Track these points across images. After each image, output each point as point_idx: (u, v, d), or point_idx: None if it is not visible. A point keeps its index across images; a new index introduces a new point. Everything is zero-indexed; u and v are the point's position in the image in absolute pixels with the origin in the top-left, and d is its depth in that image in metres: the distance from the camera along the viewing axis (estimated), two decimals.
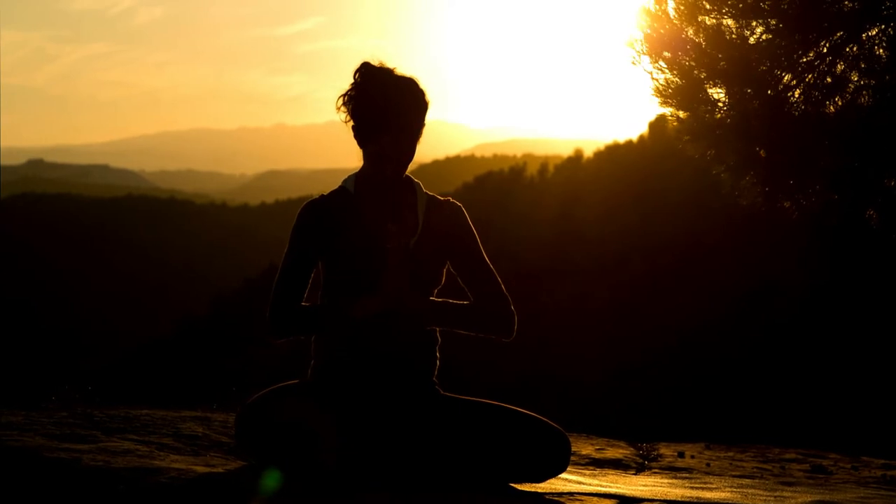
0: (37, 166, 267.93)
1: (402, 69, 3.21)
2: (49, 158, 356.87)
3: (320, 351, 3.22)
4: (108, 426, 3.49)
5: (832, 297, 39.30)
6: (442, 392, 3.22)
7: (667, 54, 4.21)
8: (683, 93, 4.22)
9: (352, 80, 3.20)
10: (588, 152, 73.86)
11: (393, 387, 3.15)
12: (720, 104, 4.19)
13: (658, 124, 61.60)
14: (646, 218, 54.91)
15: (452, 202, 3.31)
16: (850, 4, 4.01)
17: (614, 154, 68.30)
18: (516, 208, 63.19)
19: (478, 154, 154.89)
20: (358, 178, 3.26)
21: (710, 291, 47.02)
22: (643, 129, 68.28)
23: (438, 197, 3.32)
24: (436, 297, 3.22)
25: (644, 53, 4.26)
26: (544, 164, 74.41)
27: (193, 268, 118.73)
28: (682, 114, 4.26)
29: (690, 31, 4.14)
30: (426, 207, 3.25)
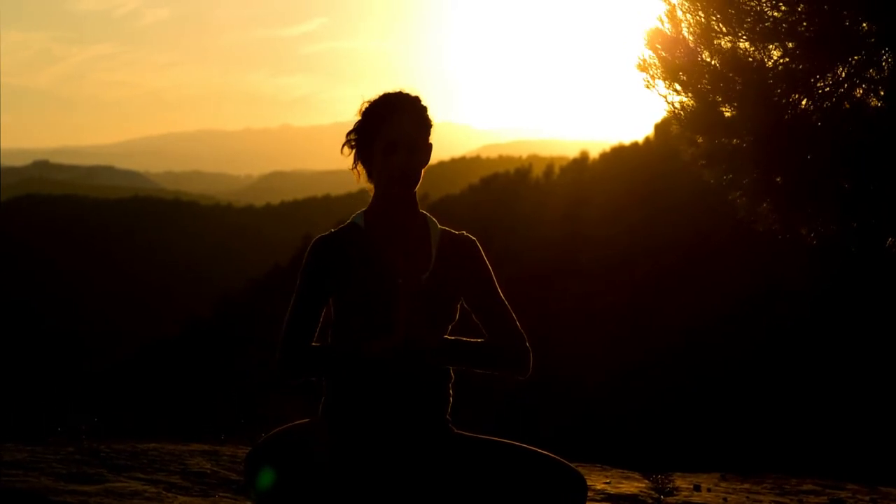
0: (42, 167, 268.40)
1: (408, 89, 3.20)
2: (54, 160, 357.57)
3: (331, 388, 3.16)
4: (115, 462, 3.43)
5: (840, 298, 39.22)
6: (455, 430, 3.16)
7: (682, 78, 4.14)
8: (699, 117, 4.16)
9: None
10: (594, 154, 73.91)
11: (405, 426, 3.09)
12: (737, 129, 4.13)
13: (663, 126, 61.56)
14: (651, 219, 54.85)
15: (467, 236, 3.24)
16: (869, 27, 3.93)
17: (620, 156, 68.29)
18: (522, 210, 63.18)
19: (483, 155, 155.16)
20: (368, 213, 3.22)
21: (716, 292, 46.93)
22: (649, 130, 68.27)
23: (453, 231, 3.25)
24: (449, 335, 3.15)
25: (658, 77, 4.20)
26: (550, 165, 74.45)
27: (198, 269, 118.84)
28: (698, 138, 4.20)
29: (706, 55, 4.07)
30: (439, 241, 3.19)
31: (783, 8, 3.81)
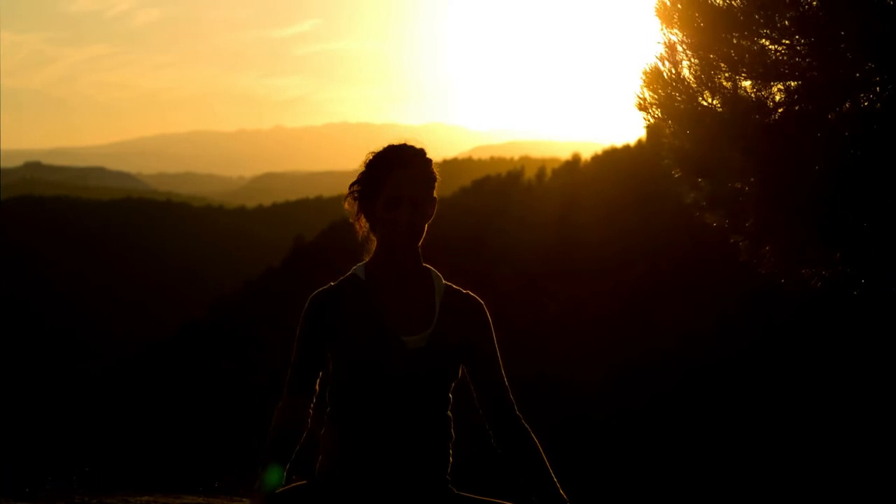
0: (35, 169, 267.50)
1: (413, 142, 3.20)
2: (47, 161, 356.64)
3: (329, 446, 3.13)
4: None
5: (839, 299, 39.22)
6: (455, 491, 3.14)
7: (683, 121, 4.10)
8: (700, 160, 4.11)
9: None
10: (586, 155, 73.82)
11: (405, 486, 3.05)
12: (738, 171, 4.07)
13: (655, 128, 61.43)
14: (644, 222, 54.84)
15: (472, 297, 3.19)
16: (872, 66, 3.86)
17: (612, 158, 68.27)
18: (514, 212, 63.11)
19: (475, 156, 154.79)
20: (369, 266, 3.16)
21: (710, 295, 46.94)
22: (641, 132, 68.23)
23: (459, 289, 3.20)
24: (451, 392, 3.13)
25: (658, 118, 4.16)
26: (542, 168, 74.37)
27: (191, 270, 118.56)
28: (700, 181, 4.16)
29: (707, 95, 4.02)
30: (443, 297, 3.15)
31: (785, 41, 3.75)
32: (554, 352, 47.73)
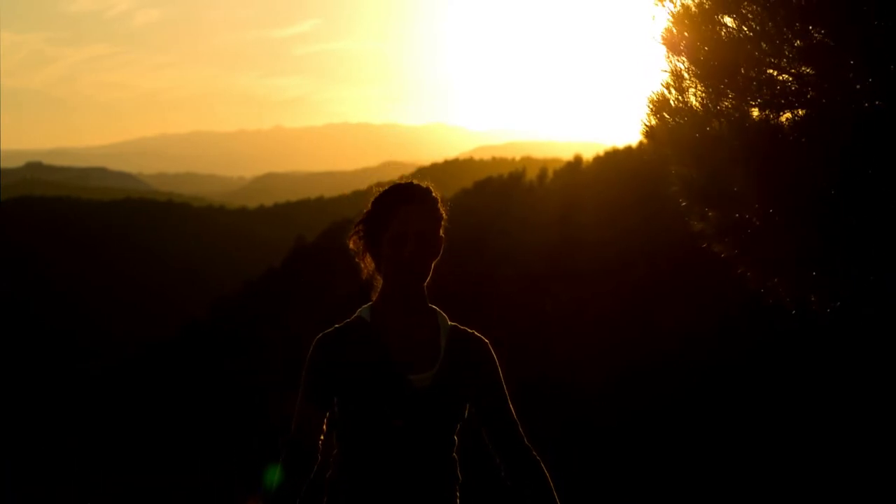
0: (35, 169, 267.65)
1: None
2: (48, 161, 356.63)
3: (336, 489, 3.11)
4: None
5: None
6: None
7: (691, 150, 4.04)
8: (709, 189, 4.05)
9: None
10: (587, 156, 73.92)
11: None
12: (747, 201, 4.01)
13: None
14: (646, 223, 54.83)
15: (478, 336, 3.18)
16: (881, 104, 3.81)
17: (613, 159, 68.32)
18: (515, 213, 63.17)
19: (476, 157, 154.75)
20: (374, 307, 3.14)
21: (712, 296, 46.92)
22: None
23: (464, 329, 3.19)
24: (457, 434, 3.12)
25: (664, 146, 4.10)
26: (544, 169, 74.41)
27: (191, 271, 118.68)
28: (708, 212, 4.10)
29: (714, 123, 3.95)
30: (448, 338, 3.13)
31: (793, 70, 3.69)
32: (555, 352, 47.72)
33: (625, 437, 36.82)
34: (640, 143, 67.98)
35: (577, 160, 72.41)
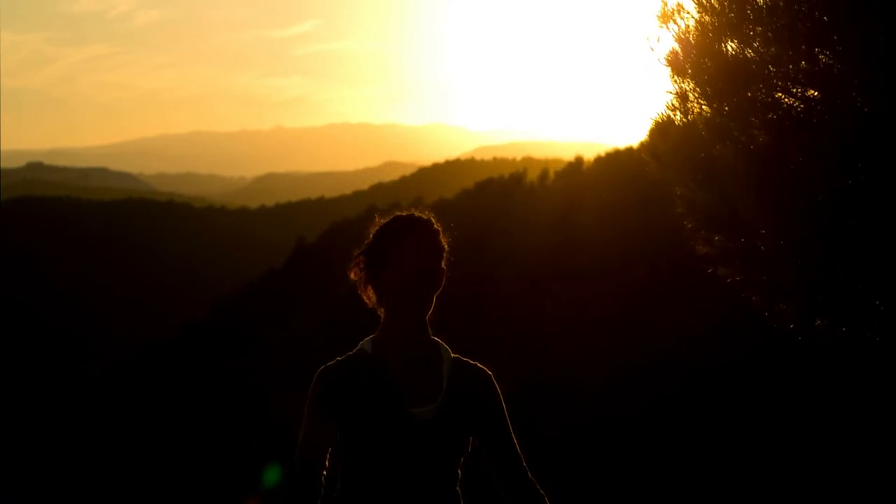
0: (36, 169, 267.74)
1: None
2: (48, 161, 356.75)
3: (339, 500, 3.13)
4: None
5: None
6: None
7: (698, 176, 4.02)
8: (714, 214, 4.03)
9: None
10: (588, 156, 73.97)
11: None
12: (752, 227, 3.98)
13: (658, 130, 61.46)
14: (647, 224, 54.83)
15: (480, 368, 3.19)
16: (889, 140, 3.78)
17: (615, 160, 68.35)
18: (517, 214, 63.21)
19: (477, 157, 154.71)
20: (376, 339, 3.14)
21: (713, 297, 46.90)
22: (643, 134, 68.19)
23: (467, 360, 3.19)
24: (460, 467, 3.12)
25: (672, 169, 4.08)
26: (545, 169, 74.45)
27: (192, 271, 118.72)
28: (715, 237, 4.07)
29: (719, 145, 3.93)
30: (451, 370, 3.13)
31: (798, 93, 3.66)
32: (555, 352, 47.70)
33: (625, 437, 36.81)
34: (642, 143, 67.96)
35: (578, 161, 72.44)
